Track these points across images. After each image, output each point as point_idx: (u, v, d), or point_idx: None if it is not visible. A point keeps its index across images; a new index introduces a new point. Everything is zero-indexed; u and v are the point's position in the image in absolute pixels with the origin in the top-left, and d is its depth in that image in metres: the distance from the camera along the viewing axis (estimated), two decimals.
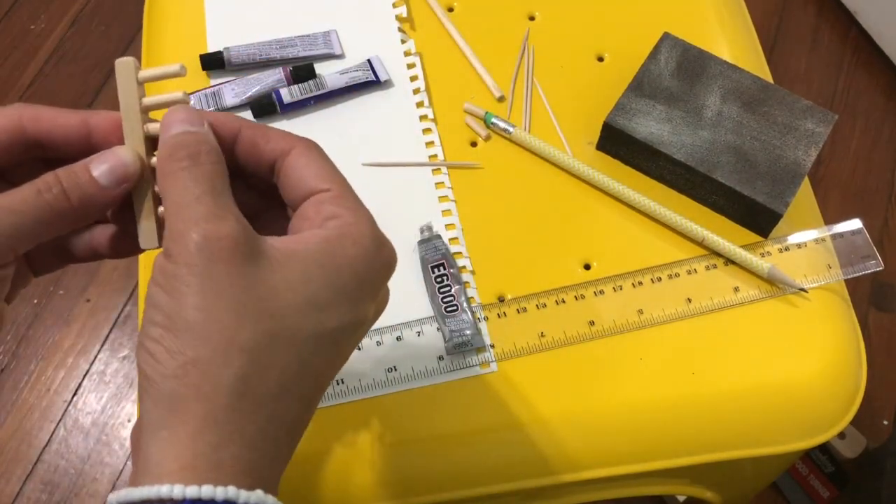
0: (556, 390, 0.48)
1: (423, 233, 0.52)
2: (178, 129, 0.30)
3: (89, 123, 0.32)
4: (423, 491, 0.47)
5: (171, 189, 0.28)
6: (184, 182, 0.28)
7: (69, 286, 1.10)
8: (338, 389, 0.47)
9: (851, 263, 0.51)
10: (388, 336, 0.49)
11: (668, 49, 0.56)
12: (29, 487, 0.97)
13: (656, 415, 0.48)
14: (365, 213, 0.30)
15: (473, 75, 0.59)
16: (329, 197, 0.30)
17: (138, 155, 0.31)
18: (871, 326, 1.07)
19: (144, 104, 0.31)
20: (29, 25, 1.31)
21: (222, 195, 0.28)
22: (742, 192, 0.51)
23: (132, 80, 0.31)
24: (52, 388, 1.03)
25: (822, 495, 0.90)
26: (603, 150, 0.56)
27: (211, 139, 0.30)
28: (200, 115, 0.30)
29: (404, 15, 0.61)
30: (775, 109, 0.54)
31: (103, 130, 0.32)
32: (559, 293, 0.50)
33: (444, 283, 0.50)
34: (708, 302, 0.50)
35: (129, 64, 0.31)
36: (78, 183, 0.30)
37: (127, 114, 0.31)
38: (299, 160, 0.31)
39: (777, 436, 0.48)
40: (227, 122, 0.31)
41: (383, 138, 0.56)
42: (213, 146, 0.30)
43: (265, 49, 0.59)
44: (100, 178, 0.30)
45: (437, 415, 0.47)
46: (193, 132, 0.30)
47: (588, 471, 0.47)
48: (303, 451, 0.46)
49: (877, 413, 0.99)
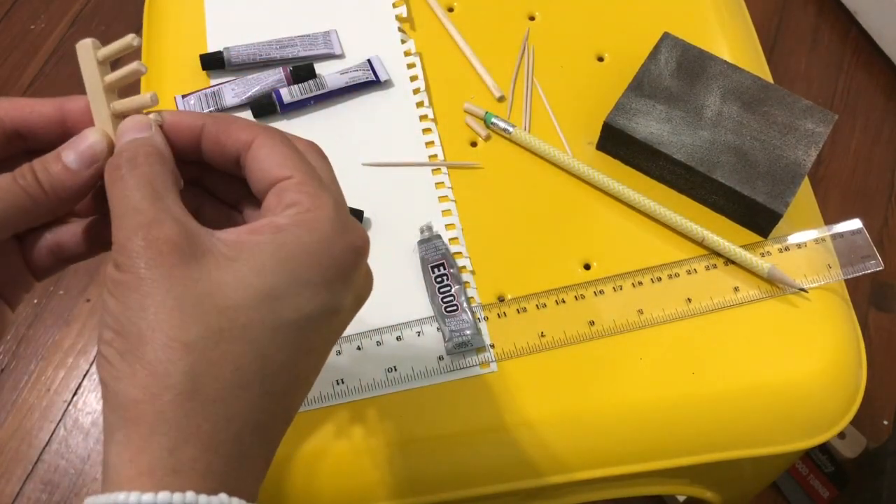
0: (556, 390, 0.48)
1: (422, 233, 0.52)
2: (124, 140, 0.30)
3: (64, 109, 0.32)
4: (423, 491, 0.47)
5: (111, 199, 0.28)
6: (121, 190, 0.28)
7: (69, 286, 1.10)
8: (338, 389, 0.47)
9: (851, 263, 0.51)
10: (387, 336, 0.49)
11: (668, 49, 0.56)
12: (29, 487, 0.97)
13: (656, 415, 0.48)
14: (327, 197, 0.29)
15: (473, 75, 0.59)
16: (291, 184, 0.29)
17: (105, 133, 0.31)
18: (871, 326, 1.06)
19: (107, 82, 0.31)
20: (29, 25, 1.31)
21: (163, 197, 0.28)
22: (742, 192, 0.51)
23: (92, 61, 0.31)
24: (52, 388, 1.03)
25: (822, 495, 0.90)
26: (603, 150, 0.56)
27: (155, 141, 0.30)
28: (148, 121, 0.30)
29: (404, 15, 0.61)
30: (775, 109, 0.54)
31: (77, 114, 0.32)
32: (559, 293, 0.50)
33: (444, 282, 0.50)
34: (708, 302, 0.50)
35: (87, 45, 0.31)
36: (49, 170, 0.30)
37: (92, 94, 0.31)
38: (261, 151, 0.30)
39: (777, 436, 0.48)
40: (187, 120, 0.31)
41: (383, 138, 0.56)
42: (155, 148, 0.30)
43: (265, 49, 0.59)
44: (70, 163, 0.30)
45: (437, 415, 0.47)
46: (138, 139, 0.30)
47: (587, 471, 0.47)
48: (302, 451, 0.46)
49: (877, 413, 0.99)
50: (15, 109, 0.32)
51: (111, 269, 0.27)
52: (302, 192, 0.29)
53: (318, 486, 0.46)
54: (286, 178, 0.29)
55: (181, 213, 0.28)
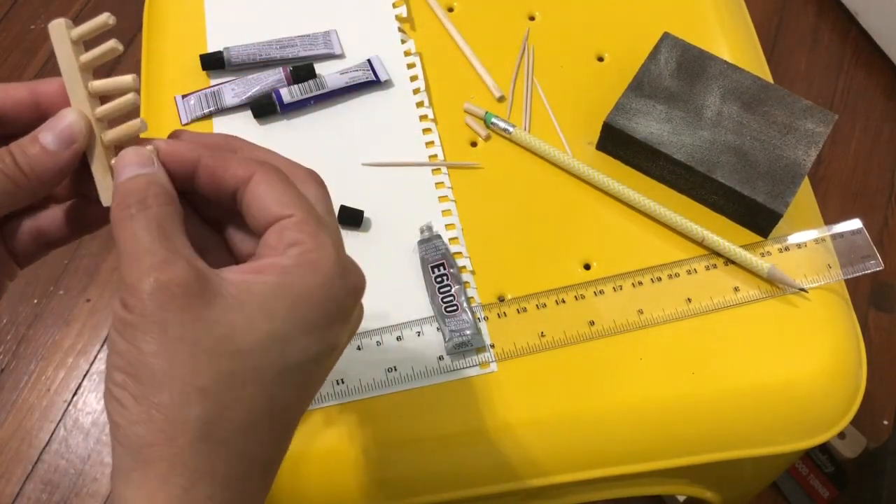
0: (556, 390, 0.48)
1: (423, 233, 0.52)
2: (128, 174, 0.30)
3: (37, 92, 0.32)
4: (423, 491, 0.47)
5: (120, 239, 0.28)
6: (132, 231, 0.28)
7: (69, 286, 1.10)
8: (338, 389, 0.47)
9: (851, 263, 0.51)
10: (388, 336, 0.49)
11: (668, 49, 0.56)
12: (29, 487, 0.97)
13: (656, 415, 0.48)
14: (328, 238, 0.29)
15: (473, 75, 0.59)
16: (291, 223, 0.29)
17: (83, 113, 0.31)
18: (871, 326, 1.07)
19: (82, 62, 0.31)
20: (29, 25, 1.31)
21: (172, 238, 0.28)
22: (742, 192, 0.51)
23: (66, 41, 0.31)
24: (52, 388, 1.03)
25: (822, 495, 0.90)
26: (603, 150, 0.56)
27: (160, 179, 0.30)
28: (150, 155, 0.30)
29: (404, 15, 0.61)
30: (775, 109, 0.54)
31: (51, 97, 0.32)
32: (559, 293, 0.50)
33: (444, 282, 0.50)
34: (708, 302, 0.50)
35: (60, 25, 0.31)
36: (27, 152, 0.30)
37: (67, 74, 0.31)
38: (259, 187, 0.30)
39: (777, 436, 0.48)
40: (184, 153, 0.31)
41: (383, 138, 0.56)
42: (163, 186, 0.30)
43: (265, 49, 0.59)
44: (48, 144, 0.30)
45: (437, 415, 0.47)
46: (143, 175, 0.30)
47: (587, 471, 0.47)
48: (302, 451, 0.46)
49: (877, 413, 0.99)
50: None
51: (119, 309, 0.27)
52: (303, 232, 0.29)
53: (319, 486, 0.46)
54: (286, 216, 0.29)
55: (191, 254, 0.28)
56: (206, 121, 0.57)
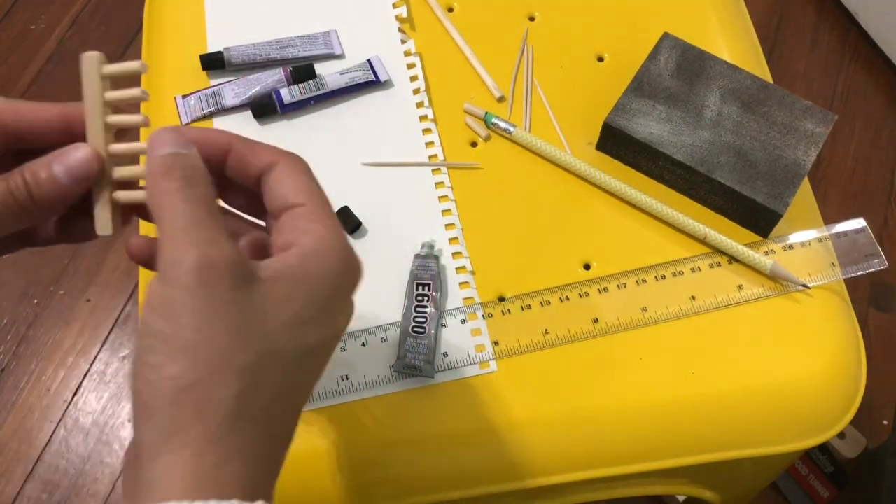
0: (556, 390, 0.48)
1: (423, 248, 0.52)
2: (167, 150, 0.30)
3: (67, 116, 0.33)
4: (423, 491, 0.47)
5: (165, 211, 0.29)
6: (180, 204, 0.29)
7: (69, 286, 1.10)
8: (342, 386, 0.47)
9: (855, 262, 0.51)
10: (391, 333, 0.49)
11: (667, 49, 0.56)
12: (29, 487, 0.97)
13: (656, 415, 0.48)
14: (337, 227, 0.31)
15: (473, 75, 0.59)
16: (304, 212, 0.31)
17: (96, 151, 0.32)
18: (871, 326, 1.07)
19: (107, 98, 0.32)
20: (29, 25, 1.31)
21: (216, 219, 0.29)
22: (742, 192, 0.51)
23: (96, 76, 0.32)
24: (52, 388, 1.03)
25: (821, 495, 0.90)
26: (603, 151, 0.56)
27: (201, 163, 0.31)
28: (187, 138, 0.31)
29: (404, 15, 0.62)
30: (775, 109, 0.54)
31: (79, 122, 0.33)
32: (563, 290, 0.50)
33: (423, 303, 0.49)
34: (712, 299, 0.50)
35: (94, 59, 0.32)
36: (39, 181, 0.31)
37: (90, 108, 0.32)
38: (282, 174, 0.32)
39: (777, 436, 0.48)
40: (217, 139, 0.32)
41: (383, 138, 0.56)
42: (204, 169, 0.31)
43: (265, 49, 0.59)
44: (60, 175, 0.31)
45: (437, 415, 0.47)
46: (184, 154, 0.30)
47: (588, 471, 0.47)
48: (303, 450, 0.46)
49: (877, 413, 0.99)
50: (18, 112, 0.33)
51: (156, 284, 0.28)
52: (315, 221, 0.31)
53: (319, 486, 0.46)
54: (299, 204, 0.31)
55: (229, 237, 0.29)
56: (206, 121, 0.57)
